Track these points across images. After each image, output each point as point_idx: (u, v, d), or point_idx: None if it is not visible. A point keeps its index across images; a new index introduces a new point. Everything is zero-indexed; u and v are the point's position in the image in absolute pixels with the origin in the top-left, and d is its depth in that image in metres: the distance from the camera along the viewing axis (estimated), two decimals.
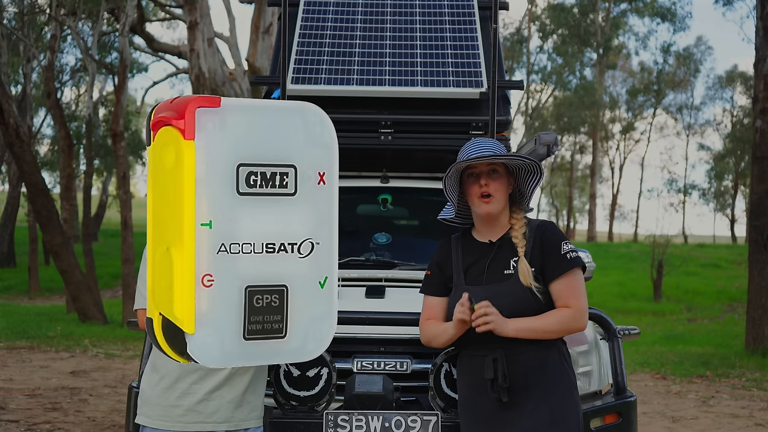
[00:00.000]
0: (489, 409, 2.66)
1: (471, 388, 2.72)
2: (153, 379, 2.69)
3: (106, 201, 30.27)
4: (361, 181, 4.82)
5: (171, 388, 2.64)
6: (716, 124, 42.66)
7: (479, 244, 2.80)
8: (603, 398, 3.34)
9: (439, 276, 2.83)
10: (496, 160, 2.72)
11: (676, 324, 16.08)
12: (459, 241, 2.85)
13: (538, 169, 2.74)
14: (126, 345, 10.98)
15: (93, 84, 18.17)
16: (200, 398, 2.63)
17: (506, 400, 2.62)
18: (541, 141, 3.82)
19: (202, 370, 2.64)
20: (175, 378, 2.64)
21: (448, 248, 2.85)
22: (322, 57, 4.26)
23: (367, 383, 3.00)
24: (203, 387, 2.64)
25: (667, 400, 7.92)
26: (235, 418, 2.67)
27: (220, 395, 2.65)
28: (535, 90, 37.02)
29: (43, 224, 12.84)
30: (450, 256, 2.83)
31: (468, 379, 2.73)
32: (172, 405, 2.63)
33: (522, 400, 2.64)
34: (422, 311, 2.87)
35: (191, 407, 2.63)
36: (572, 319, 2.66)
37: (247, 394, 2.70)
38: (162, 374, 2.66)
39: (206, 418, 2.63)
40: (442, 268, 2.83)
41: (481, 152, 2.72)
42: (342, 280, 3.68)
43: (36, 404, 6.92)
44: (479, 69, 4.21)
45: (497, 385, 2.62)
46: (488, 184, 2.73)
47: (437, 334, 2.75)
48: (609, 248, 30.51)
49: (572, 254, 2.70)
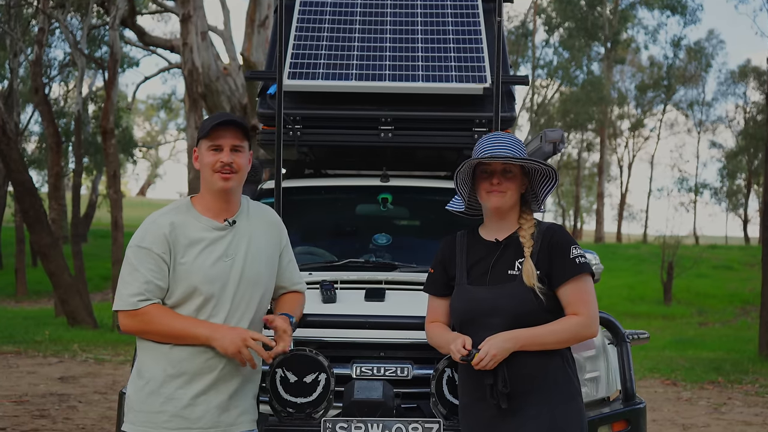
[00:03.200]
0: (489, 416, 2.67)
1: (471, 394, 2.73)
2: (138, 384, 2.71)
3: (95, 200, 30.25)
4: (360, 179, 4.82)
5: (155, 393, 2.65)
6: (728, 120, 42.67)
7: (485, 242, 2.81)
8: (611, 405, 3.34)
9: (443, 275, 2.85)
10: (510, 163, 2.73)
11: (687, 328, 16.08)
12: (464, 238, 2.86)
13: (554, 174, 2.75)
14: (116, 350, 10.98)
15: (82, 79, 18.16)
16: (185, 403, 2.64)
17: (505, 406, 2.63)
18: (546, 138, 3.82)
19: (187, 375, 2.65)
20: (160, 383, 2.65)
21: (453, 246, 2.86)
22: (320, 51, 4.26)
23: (366, 389, 3.00)
24: (188, 392, 2.64)
25: (677, 407, 7.92)
26: (222, 422, 2.68)
27: (206, 400, 2.66)
28: (540, 85, 37.03)
29: (31, 224, 12.84)
30: (454, 254, 2.84)
31: (468, 384, 2.74)
32: (156, 411, 2.64)
33: (523, 407, 2.64)
34: (427, 311, 2.91)
35: (176, 413, 2.63)
36: (582, 327, 2.67)
37: (235, 399, 2.71)
38: (146, 379, 2.68)
39: (192, 423, 2.64)
40: (447, 266, 2.85)
41: (498, 151, 2.73)
42: (341, 283, 3.68)
43: (23, 411, 6.92)
44: (482, 64, 4.21)
45: (497, 391, 2.63)
46: (501, 183, 2.74)
47: (440, 345, 2.81)
48: (617, 249, 30.52)
49: (581, 259, 2.71)
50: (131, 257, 2.70)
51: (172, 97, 39.98)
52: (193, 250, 2.69)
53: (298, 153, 4.48)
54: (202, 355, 2.65)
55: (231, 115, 2.81)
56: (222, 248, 2.72)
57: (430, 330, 2.86)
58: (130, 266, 2.69)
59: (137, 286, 2.65)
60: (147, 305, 2.65)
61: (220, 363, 2.67)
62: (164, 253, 2.67)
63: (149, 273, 2.65)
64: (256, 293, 2.77)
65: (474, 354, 2.60)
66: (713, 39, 41.05)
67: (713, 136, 52.63)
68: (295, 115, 4.18)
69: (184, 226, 2.72)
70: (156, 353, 2.68)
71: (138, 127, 53.28)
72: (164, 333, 2.65)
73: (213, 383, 2.67)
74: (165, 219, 2.73)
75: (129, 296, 2.66)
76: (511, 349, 2.61)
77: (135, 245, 2.71)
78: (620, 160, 44.87)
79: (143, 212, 31.06)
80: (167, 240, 2.68)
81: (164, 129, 57.21)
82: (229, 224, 2.76)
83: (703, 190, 42.44)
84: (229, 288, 2.70)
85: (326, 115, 4.24)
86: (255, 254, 2.77)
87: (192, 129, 14.22)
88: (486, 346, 2.60)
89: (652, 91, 40.64)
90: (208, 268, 2.68)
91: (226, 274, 2.70)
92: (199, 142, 2.79)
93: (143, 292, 2.65)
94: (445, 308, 2.85)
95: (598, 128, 38.63)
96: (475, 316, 2.70)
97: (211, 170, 2.73)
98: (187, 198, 2.85)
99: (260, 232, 2.83)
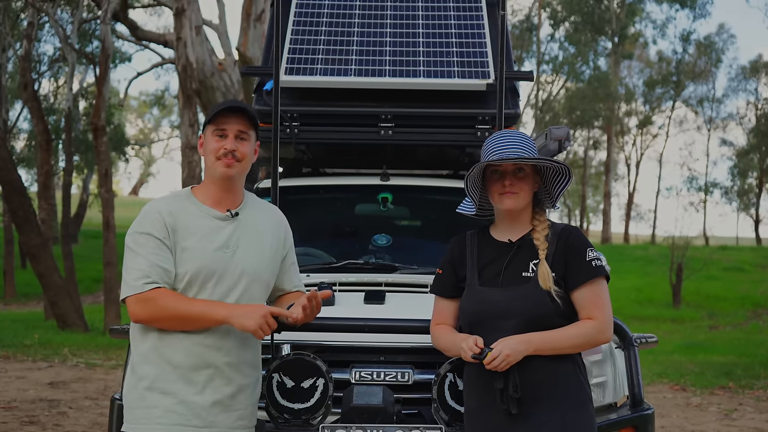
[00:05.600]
0: (497, 421, 2.67)
1: (479, 398, 2.72)
2: (132, 381, 2.72)
3: (86, 200, 30.24)
4: (359, 178, 4.82)
5: (150, 388, 2.65)
6: (739, 117, 42.69)
7: (497, 243, 2.80)
8: (618, 411, 3.34)
9: (452, 276, 2.85)
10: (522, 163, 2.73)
11: (697, 332, 16.08)
12: (475, 238, 2.86)
13: (567, 171, 2.75)
14: (108, 354, 10.99)
15: (73, 75, 18.18)
16: (180, 399, 2.64)
17: (515, 411, 2.62)
18: (552, 136, 3.83)
19: (182, 369, 2.64)
20: (153, 378, 2.65)
21: (463, 246, 2.86)
22: (318, 46, 4.27)
23: (365, 395, 3.00)
24: (183, 387, 2.64)
25: (686, 413, 7.92)
26: (219, 423, 2.67)
27: (202, 397, 2.65)
28: (545, 81, 37.05)
29: (20, 225, 12.85)
30: (464, 255, 2.83)
31: (476, 388, 2.74)
32: (151, 406, 2.64)
33: (533, 412, 2.64)
34: (433, 313, 2.90)
35: (171, 408, 2.63)
36: (597, 332, 2.68)
37: (235, 401, 2.71)
38: (140, 375, 2.68)
39: (186, 420, 2.64)
40: (456, 267, 2.84)
41: (507, 152, 2.72)
42: (339, 285, 3.68)
43: (12, 417, 6.92)
44: (486, 59, 4.21)
45: (507, 395, 2.62)
46: (513, 184, 2.74)
47: (447, 347, 2.80)
48: (625, 251, 30.53)
49: (597, 262, 2.71)
50: (131, 244, 2.69)
51: (166, 94, 40.00)
52: (192, 237, 2.69)
53: (295, 151, 4.49)
54: (197, 348, 2.65)
55: (239, 102, 2.81)
56: (222, 239, 2.72)
57: (436, 332, 2.86)
58: (132, 253, 2.68)
59: (141, 269, 2.63)
60: (155, 288, 2.62)
61: (216, 358, 2.67)
62: (165, 237, 2.66)
63: (152, 256, 2.64)
64: (255, 290, 2.76)
65: (486, 353, 2.59)
66: (724, 33, 41.08)
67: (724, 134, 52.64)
68: (292, 112, 4.18)
69: (184, 213, 2.72)
70: (151, 349, 2.67)
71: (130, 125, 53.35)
72: (179, 317, 2.62)
73: (209, 379, 2.66)
74: (163, 205, 2.73)
75: (134, 280, 2.63)
76: (524, 352, 2.61)
77: (134, 231, 2.70)
78: (628, 159, 44.91)
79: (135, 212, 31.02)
80: (166, 225, 2.67)
81: (157, 126, 57.27)
82: (231, 215, 2.76)
83: (714, 190, 42.49)
84: (226, 280, 2.70)
85: (324, 111, 4.24)
86: (258, 250, 2.78)
87: (186, 126, 14.21)
88: (499, 345, 2.59)
89: (661, 87, 40.66)
90: (206, 257, 2.68)
91: (225, 266, 2.70)
92: (205, 127, 2.79)
93: (149, 274, 2.63)
94: (453, 310, 2.84)
95: (605, 125, 38.63)
96: (487, 319, 2.70)
97: (214, 156, 2.73)
98: (187, 188, 2.85)
99: (265, 230, 2.83)
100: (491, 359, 2.58)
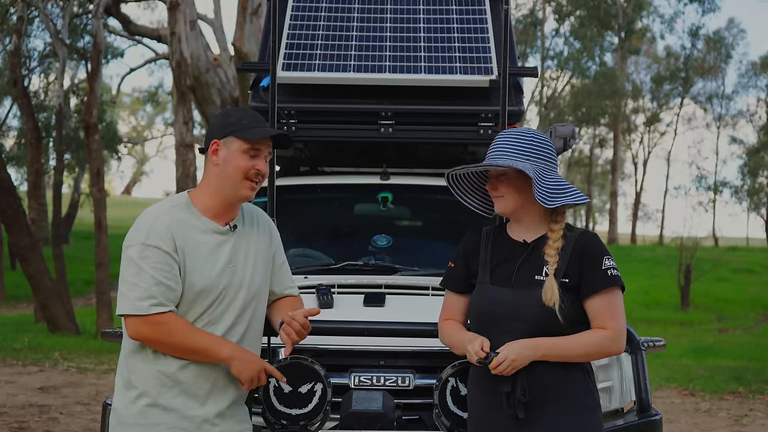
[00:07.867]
0: (503, 425, 2.68)
1: (484, 402, 2.73)
2: (129, 396, 2.68)
3: (78, 200, 30.22)
4: (358, 177, 4.83)
5: (152, 405, 2.64)
6: (750, 115, 42.69)
7: (512, 242, 2.81)
8: (625, 417, 3.35)
9: (464, 270, 2.86)
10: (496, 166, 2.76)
11: (706, 335, 16.09)
12: (490, 235, 2.87)
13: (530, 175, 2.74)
14: (100, 358, 10.98)
15: (64, 71, 18.17)
16: (183, 415, 2.64)
17: (522, 416, 2.63)
18: (556, 134, 3.83)
19: (184, 384, 2.64)
20: (156, 394, 2.64)
21: (477, 241, 2.87)
22: (316, 41, 4.26)
23: (365, 400, 3.01)
24: (185, 401, 2.64)
25: (695, 419, 7.93)
26: (219, 429, 2.68)
27: (203, 410, 2.66)
28: (550, 77, 37.03)
29: (9, 225, 12.84)
30: (478, 250, 2.84)
31: (481, 391, 2.74)
32: (154, 423, 2.63)
33: (540, 418, 2.65)
34: (442, 308, 2.91)
35: (174, 424, 2.63)
36: (609, 342, 2.68)
37: (235, 407, 2.73)
38: (140, 391, 2.66)
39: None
40: (469, 262, 2.85)
41: (492, 157, 2.76)
42: (338, 287, 3.68)
43: (1, 423, 6.92)
44: (489, 54, 4.21)
45: (514, 399, 2.63)
46: (496, 188, 2.78)
47: (454, 345, 2.80)
48: (632, 251, 30.53)
49: (613, 271, 2.72)
50: (135, 256, 2.59)
51: (159, 90, 39.95)
52: (198, 255, 2.65)
53: (292, 149, 4.49)
54: (195, 366, 2.65)
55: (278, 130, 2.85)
56: (226, 255, 2.70)
57: (444, 328, 2.86)
58: (135, 266, 2.59)
59: (146, 288, 2.57)
60: (164, 312, 2.58)
61: (215, 370, 2.67)
62: (173, 251, 2.61)
63: (159, 273, 2.57)
64: (256, 304, 2.77)
65: (492, 357, 2.59)
66: (733, 28, 41.05)
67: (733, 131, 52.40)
68: (289, 109, 4.18)
69: (188, 228, 2.67)
70: (149, 364, 2.66)
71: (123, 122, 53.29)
72: (183, 347, 2.61)
73: (209, 391, 2.67)
74: (167, 217, 2.66)
75: (137, 300, 2.57)
76: (531, 357, 2.61)
77: (140, 243, 2.60)
78: (635, 157, 44.90)
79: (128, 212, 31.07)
80: (174, 239, 2.62)
81: (151, 124, 57.24)
82: (230, 228, 2.75)
83: (723, 189, 42.45)
84: (229, 297, 2.69)
85: (323, 109, 4.24)
86: (254, 263, 2.77)
87: (180, 124, 14.20)
88: (506, 350, 2.60)
89: (669, 83, 40.65)
90: (213, 276, 2.66)
91: (229, 282, 2.69)
92: (227, 136, 2.70)
93: (155, 295, 2.57)
94: (462, 306, 2.86)
95: (612, 123, 38.64)
96: (495, 318, 2.70)
97: (242, 175, 2.69)
98: (185, 194, 2.79)
99: (257, 239, 2.82)
100: (497, 364, 2.58)
